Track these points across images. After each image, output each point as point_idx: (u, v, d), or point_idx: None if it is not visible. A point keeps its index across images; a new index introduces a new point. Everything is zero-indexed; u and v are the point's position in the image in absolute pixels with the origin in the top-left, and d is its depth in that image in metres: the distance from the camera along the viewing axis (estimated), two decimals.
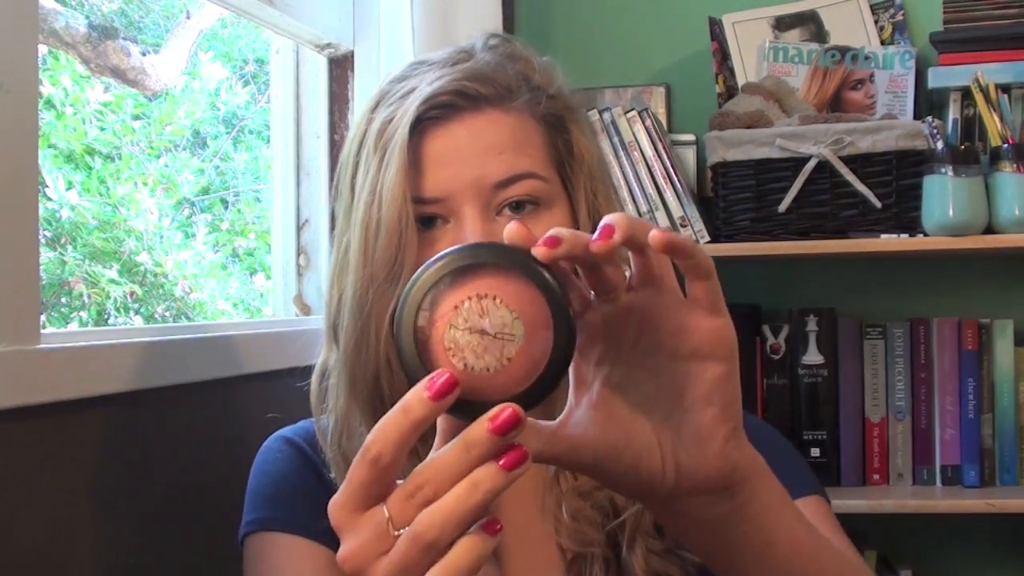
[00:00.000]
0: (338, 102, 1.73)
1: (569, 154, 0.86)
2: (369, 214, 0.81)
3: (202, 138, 2.63)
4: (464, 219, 0.81)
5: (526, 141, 0.84)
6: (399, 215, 0.79)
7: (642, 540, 0.84)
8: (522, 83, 0.85)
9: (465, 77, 0.82)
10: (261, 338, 1.34)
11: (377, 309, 0.81)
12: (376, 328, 0.81)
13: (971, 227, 1.67)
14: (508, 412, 0.52)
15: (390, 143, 0.81)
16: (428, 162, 0.81)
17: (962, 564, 1.92)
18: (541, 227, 0.81)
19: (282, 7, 1.53)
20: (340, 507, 0.55)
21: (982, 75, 1.73)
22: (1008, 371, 1.78)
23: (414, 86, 0.83)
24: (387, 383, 0.82)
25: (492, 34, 0.89)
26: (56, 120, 2.22)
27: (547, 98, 0.86)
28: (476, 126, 0.82)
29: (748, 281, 1.98)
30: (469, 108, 0.82)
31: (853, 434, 1.81)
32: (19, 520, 0.91)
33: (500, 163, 0.82)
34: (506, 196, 0.82)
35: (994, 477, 1.78)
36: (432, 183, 0.81)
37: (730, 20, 1.95)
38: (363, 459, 0.54)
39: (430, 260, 0.54)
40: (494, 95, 0.83)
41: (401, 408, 0.53)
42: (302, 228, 1.71)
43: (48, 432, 0.94)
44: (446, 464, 0.53)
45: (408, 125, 0.80)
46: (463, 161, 0.81)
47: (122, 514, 1.05)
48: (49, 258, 2.14)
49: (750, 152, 1.74)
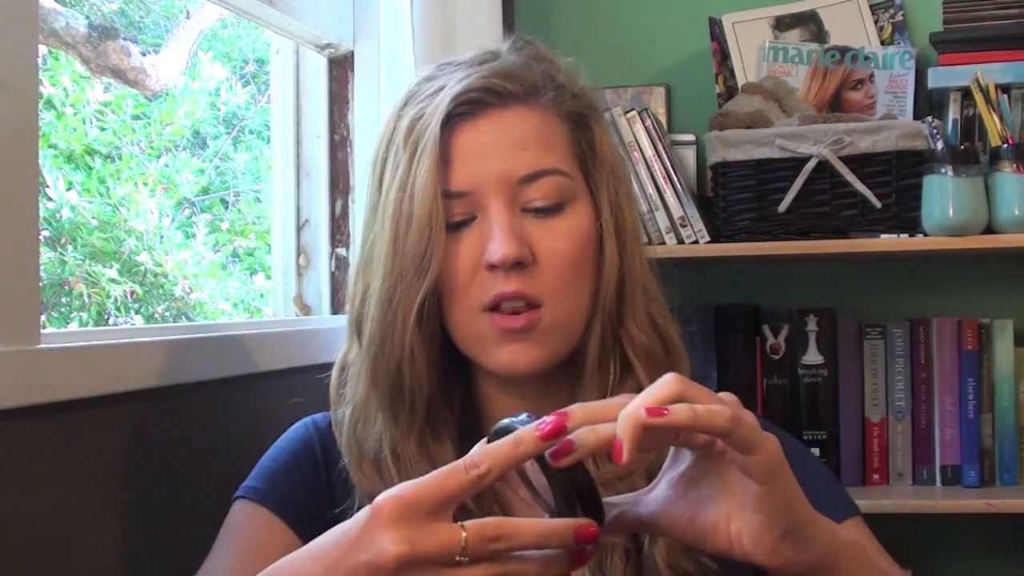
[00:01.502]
0: (338, 102, 1.73)
1: (592, 152, 0.88)
2: (400, 208, 0.83)
3: (202, 138, 2.64)
4: (490, 211, 0.83)
5: (551, 137, 0.86)
6: (430, 211, 0.81)
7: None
8: (547, 81, 0.87)
9: (493, 75, 0.85)
10: (261, 338, 1.34)
11: (405, 301, 0.83)
12: (403, 319, 0.83)
13: (971, 227, 1.67)
14: (593, 531, 0.61)
15: (421, 139, 0.83)
16: (456, 157, 0.83)
17: (962, 564, 1.92)
18: (563, 224, 0.84)
19: (282, 7, 1.53)
20: (417, 501, 0.59)
21: (982, 75, 1.73)
22: (1008, 371, 1.78)
23: (443, 84, 0.85)
24: (409, 374, 0.84)
25: (518, 36, 0.91)
26: (56, 120, 2.22)
27: (571, 96, 0.88)
28: (503, 122, 0.84)
29: (748, 281, 1.98)
30: (496, 104, 0.84)
31: (853, 434, 1.81)
32: (19, 520, 0.91)
33: (526, 158, 0.84)
34: (530, 196, 0.84)
35: (994, 477, 1.77)
36: (459, 177, 0.83)
37: (730, 20, 1.95)
38: (464, 470, 0.60)
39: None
40: (520, 92, 0.85)
41: (513, 441, 0.61)
42: (302, 228, 1.71)
43: (48, 432, 0.94)
44: (531, 534, 0.60)
45: (440, 120, 0.82)
46: (490, 156, 0.83)
47: (123, 514, 1.05)
48: (49, 258, 2.15)
49: (750, 152, 1.74)
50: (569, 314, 0.85)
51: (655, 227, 1.77)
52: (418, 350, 0.83)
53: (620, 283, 0.86)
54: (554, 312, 0.84)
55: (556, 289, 0.84)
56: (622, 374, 0.87)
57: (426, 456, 0.85)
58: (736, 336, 1.85)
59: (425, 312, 0.83)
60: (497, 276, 0.83)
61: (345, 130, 1.72)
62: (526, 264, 0.83)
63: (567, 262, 0.84)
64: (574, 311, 0.85)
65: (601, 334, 0.86)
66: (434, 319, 0.84)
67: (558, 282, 0.84)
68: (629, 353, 0.87)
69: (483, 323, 0.84)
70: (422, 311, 0.83)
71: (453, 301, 0.85)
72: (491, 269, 0.83)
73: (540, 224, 0.84)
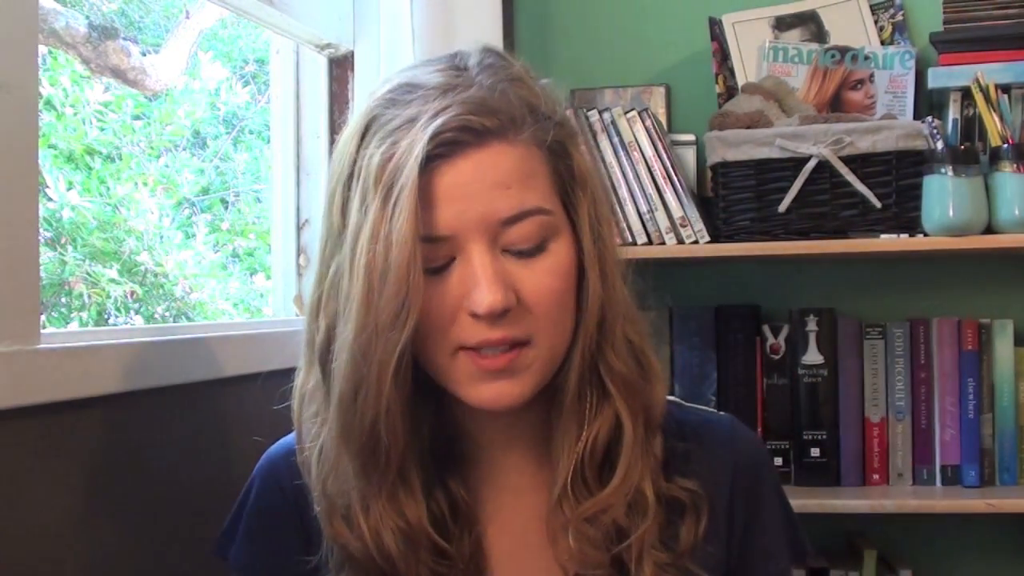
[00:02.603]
0: (338, 102, 1.73)
1: (572, 179, 0.84)
2: (372, 259, 0.77)
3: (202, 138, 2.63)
4: (471, 254, 0.79)
5: (532, 173, 0.81)
6: (408, 261, 0.76)
7: (649, 555, 0.84)
8: (526, 113, 0.81)
9: (470, 111, 0.78)
10: (261, 338, 1.34)
11: (382, 356, 0.77)
12: (379, 376, 0.78)
13: (971, 227, 1.67)
14: None
15: (396, 182, 0.77)
16: (434, 200, 0.78)
17: (962, 564, 1.92)
18: (546, 262, 0.82)
19: (282, 7, 1.53)
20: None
21: (982, 75, 1.73)
22: (1008, 371, 1.78)
23: (412, 116, 0.79)
24: (386, 431, 0.79)
25: (485, 49, 0.86)
26: (56, 120, 2.22)
27: (554, 126, 0.83)
28: (483, 162, 0.79)
29: (748, 281, 1.98)
30: (474, 143, 0.79)
31: (853, 434, 1.81)
32: (18, 519, 0.91)
33: (507, 199, 0.79)
34: (511, 238, 0.80)
35: (994, 477, 1.77)
36: (439, 221, 0.78)
37: (730, 20, 1.95)
38: None
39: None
40: (498, 127, 0.79)
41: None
42: (302, 228, 1.71)
43: (48, 432, 0.94)
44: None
45: (418, 166, 0.76)
46: (470, 198, 0.78)
47: (121, 514, 1.05)
48: (49, 258, 2.14)
49: (750, 152, 1.74)
50: (552, 349, 0.82)
51: (655, 227, 1.77)
52: (394, 404, 0.79)
53: (601, 315, 0.84)
54: (538, 348, 0.81)
55: (542, 327, 0.81)
56: (599, 402, 0.85)
57: (396, 508, 0.82)
58: (736, 336, 1.85)
59: (403, 365, 0.78)
60: (481, 323, 0.79)
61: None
62: (511, 309, 0.79)
63: (552, 299, 0.81)
64: (556, 345, 0.83)
65: (580, 365, 0.84)
66: (410, 368, 0.80)
67: (542, 320, 0.81)
68: (607, 382, 0.84)
69: (462, 362, 0.81)
70: (400, 365, 0.78)
71: (431, 343, 0.81)
72: (475, 318, 0.79)
73: (522, 265, 0.81)
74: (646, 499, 0.85)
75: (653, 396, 0.87)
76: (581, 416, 0.85)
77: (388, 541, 0.82)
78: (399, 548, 0.82)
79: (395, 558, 0.82)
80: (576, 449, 0.84)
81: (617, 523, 0.84)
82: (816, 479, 1.79)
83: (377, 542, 0.82)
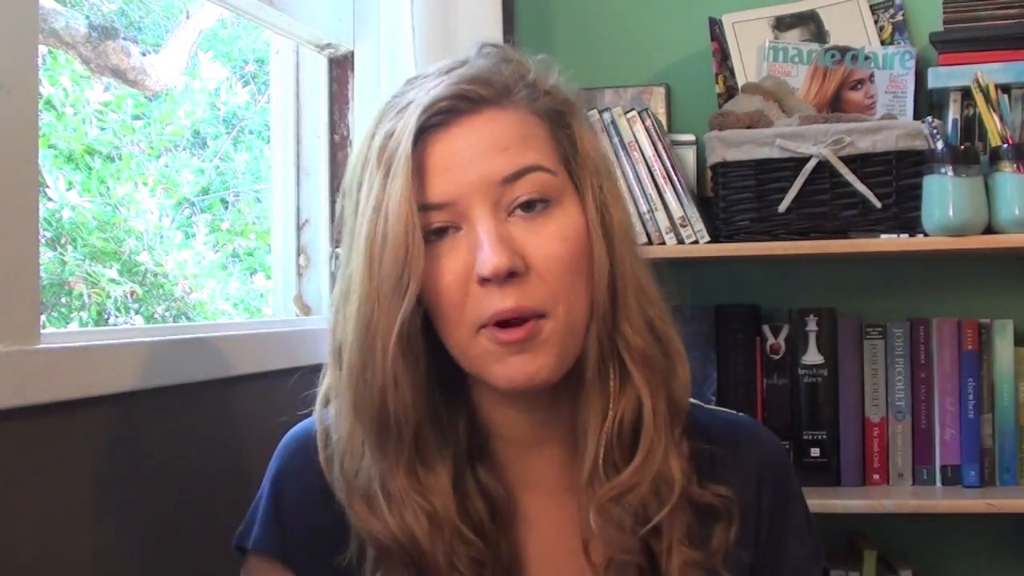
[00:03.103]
0: (338, 102, 1.73)
1: (574, 149, 0.85)
2: (374, 229, 0.79)
3: (202, 138, 2.63)
4: (475, 220, 0.80)
5: (530, 135, 0.83)
6: (405, 227, 0.77)
7: (679, 550, 0.83)
8: (518, 80, 0.84)
9: (462, 81, 0.81)
10: (261, 338, 1.34)
11: (384, 324, 0.78)
12: (383, 344, 0.79)
13: (971, 227, 1.67)
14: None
15: (394, 156, 0.79)
16: (432, 169, 0.80)
17: (962, 564, 1.92)
18: (553, 225, 0.81)
19: (282, 7, 1.53)
20: None
21: (982, 75, 1.73)
22: (1008, 371, 1.78)
23: (412, 98, 0.82)
24: (393, 402, 0.80)
25: (485, 43, 0.89)
26: (56, 120, 2.22)
27: (544, 93, 0.85)
28: (477, 126, 0.81)
29: (748, 281, 1.98)
30: (469, 111, 0.81)
31: (853, 434, 1.81)
32: (18, 520, 0.91)
33: (505, 159, 0.80)
34: (515, 194, 0.80)
35: (994, 477, 1.77)
36: (438, 188, 0.80)
37: (730, 20, 1.95)
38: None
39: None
40: (492, 95, 0.82)
41: None
42: (302, 228, 1.71)
43: (48, 432, 0.94)
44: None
45: (411, 135, 0.79)
46: (467, 162, 0.80)
47: (122, 514, 1.05)
48: (49, 258, 2.14)
49: (750, 152, 1.74)
50: (569, 319, 0.81)
51: (655, 227, 1.77)
52: (401, 376, 0.79)
53: (611, 285, 0.83)
54: (555, 320, 0.80)
55: (555, 295, 0.80)
56: (622, 381, 0.84)
57: (416, 487, 0.82)
58: (736, 336, 1.85)
59: (407, 335, 0.79)
60: (491, 291, 0.79)
61: (345, 130, 1.72)
62: (519, 273, 0.79)
63: (562, 266, 0.80)
64: (574, 316, 0.81)
65: (598, 340, 0.83)
66: (418, 341, 0.80)
67: (556, 288, 0.80)
68: (626, 358, 0.83)
69: (482, 340, 0.80)
70: (403, 334, 0.78)
71: (447, 321, 0.81)
72: (483, 283, 0.79)
73: (529, 228, 0.80)
74: (672, 483, 0.83)
75: (675, 376, 0.86)
76: (605, 395, 0.84)
77: (411, 521, 0.81)
78: (424, 530, 0.81)
79: (421, 541, 0.81)
80: (605, 430, 0.83)
81: (644, 504, 0.83)
82: (816, 479, 1.79)
83: (401, 525, 0.81)
